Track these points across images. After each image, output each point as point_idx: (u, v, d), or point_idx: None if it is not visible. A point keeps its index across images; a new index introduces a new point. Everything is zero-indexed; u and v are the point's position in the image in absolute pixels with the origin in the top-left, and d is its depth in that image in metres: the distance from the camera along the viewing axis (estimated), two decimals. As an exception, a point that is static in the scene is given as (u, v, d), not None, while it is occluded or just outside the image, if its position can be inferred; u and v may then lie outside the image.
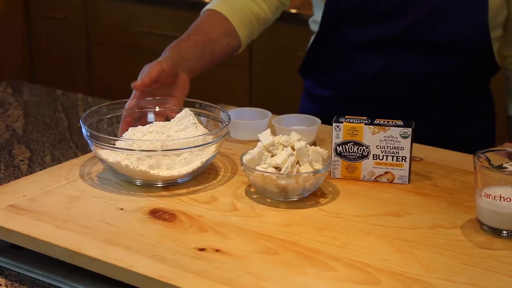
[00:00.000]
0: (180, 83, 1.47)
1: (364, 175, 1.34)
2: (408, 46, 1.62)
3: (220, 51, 1.63)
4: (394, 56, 1.63)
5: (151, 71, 1.42)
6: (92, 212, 1.21)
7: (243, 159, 1.27)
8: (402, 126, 1.31)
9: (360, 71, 1.68)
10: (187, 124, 1.34)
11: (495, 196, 1.13)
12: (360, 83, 1.69)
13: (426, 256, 1.10)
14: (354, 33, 1.65)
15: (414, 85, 1.65)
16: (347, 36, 1.66)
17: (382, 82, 1.66)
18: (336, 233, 1.16)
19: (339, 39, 1.67)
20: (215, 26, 1.63)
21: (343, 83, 1.71)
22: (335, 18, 1.66)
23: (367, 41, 1.64)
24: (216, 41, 1.62)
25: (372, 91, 1.68)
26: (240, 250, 1.10)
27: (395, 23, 1.61)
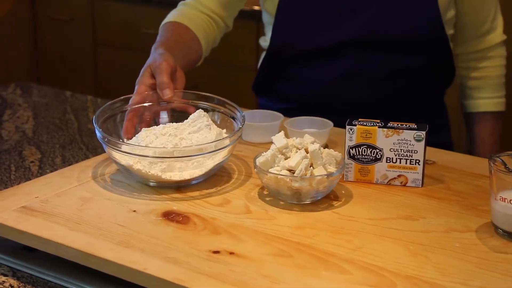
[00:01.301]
0: (179, 76, 1.46)
1: (377, 178, 1.34)
2: (365, 47, 1.64)
3: (192, 56, 1.64)
4: (352, 58, 1.66)
5: (164, 71, 1.39)
6: (105, 214, 1.20)
7: (257, 162, 1.26)
8: (416, 129, 1.30)
9: (318, 78, 1.70)
10: (200, 125, 1.33)
11: (511, 200, 1.13)
12: (319, 90, 1.71)
13: (441, 260, 1.09)
14: (308, 42, 1.67)
15: (373, 86, 1.67)
16: (301, 46, 1.68)
17: (342, 86, 1.68)
18: (350, 236, 1.15)
19: (293, 50, 1.69)
20: (185, 33, 1.65)
21: (302, 93, 1.73)
22: (287, 31, 1.68)
23: (322, 47, 1.66)
24: (189, 45, 1.63)
25: (332, 98, 1.70)
26: (254, 253, 1.10)
27: (349, 25, 1.63)
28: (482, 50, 1.79)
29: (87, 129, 1.76)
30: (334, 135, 1.51)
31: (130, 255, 1.08)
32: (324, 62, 1.68)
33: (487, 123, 1.81)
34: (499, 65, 1.81)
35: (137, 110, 1.40)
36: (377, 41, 1.64)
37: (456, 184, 1.34)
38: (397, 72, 1.67)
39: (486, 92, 1.81)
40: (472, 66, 1.80)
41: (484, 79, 1.81)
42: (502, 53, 1.81)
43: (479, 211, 1.24)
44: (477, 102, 1.82)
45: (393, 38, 1.64)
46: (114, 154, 1.29)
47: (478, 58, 1.80)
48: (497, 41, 1.79)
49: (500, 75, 1.81)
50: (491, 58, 1.80)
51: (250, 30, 3.09)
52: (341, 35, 1.65)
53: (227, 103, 1.42)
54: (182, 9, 1.72)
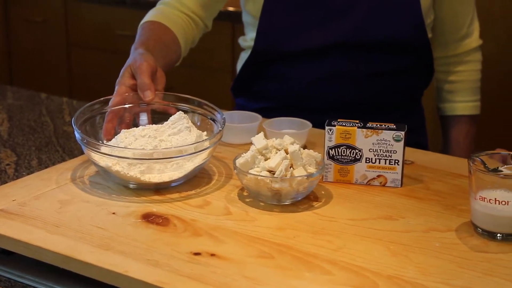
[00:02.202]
0: (159, 77, 1.44)
1: (356, 179, 1.34)
2: (350, 48, 1.65)
3: (171, 56, 1.62)
4: (336, 60, 1.66)
5: (145, 72, 1.38)
6: (84, 217, 1.19)
7: (236, 163, 1.26)
8: (395, 130, 1.31)
9: (302, 78, 1.70)
10: (180, 127, 1.32)
11: (490, 199, 1.13)
12: (301, 90, 1.71)
13: (422, 259, 1.09)
14: (292, 44, 1.67)
15: (356, 87, 1.68)
16: (285, 47, 1.68)
17: (325, 87, 1.69)
18: (331, 237, 1.15)
19: (278, 51, 1.69)
20: (164, 33, 1.63)
21: (284, 92, 1.73)
22: (272, 32, 1.68)
23: (307, 49, 1.67)
24: (168, 45, 1.62)
25: (315, 98, 1.70)
26: (236, 254, 1.09)
27: (335, 27, 1.64)
28: (459, 55, 1.81)
29: (63, 131, 1.74)
30: (312, 136, 1.51)
31: (110, 258, 1.07)
32: (307, 63, 1.68)
33: (462, 126, 1.83)
34: (475, 69, 1.83)
35: (117, 111, 1.39)
36: (361, 43, 1.65)
37: (435, 184, 1.35)
38: (379, 73, 1.68)
39: (462, 95, 1.83)
40: (449, 70, 1.82)
41: (461, 83, 1.82)
42: (478, 58, 1.84)
43: (459, 211, 1.24)
44: (453, 105, 1.84)
45: (377, 40, 1.65)
46: (93, 156, 1.28)
47: (455, 62, 1.81)
48: (474, 45, 1.81)
49: (476, 79, 1.84)
50: (468, 62, 1.82)
51: (226, 31, 3.09)
52: (326, 37, 1.65)
53: (207, 105, 1.41)
54: (162, 8, 1.71)
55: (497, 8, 2.70)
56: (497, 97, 2.72)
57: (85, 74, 3.56)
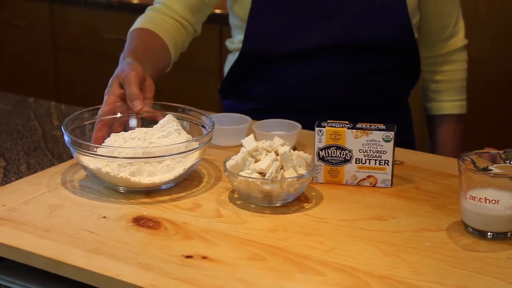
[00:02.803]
0: (148, 85, 1.43)
1: (347, 179, 1.34)
2: (338, 50, 1.66)
3: (161, 63, 1.62)
4: (324, 61, 1.67)
5: (133, 82, 1.37)
6: (74, 221, 1.19)
7: (227, 165, 1.26)
8: (384, 130, 1.31)
9: (290, 79, 1.70)
10: (170, 130, 1.32)
11: (480, 199, 1.14)
12: (291, 90, 1.71)
13: (414, 259, 1.09)
14: (280, 46, 1.68)
15: (344, 88, 1.69)
16: (274, 49, 1.68)
17: (313, 88, 1.69)
18: (322, 238, 1.15)
19: (265, 53, 1.69)
20: (153, 40, 1.63)
21: (273, 94, 1.73)
22: (260, 35, 1.68)
23: (295, 50, 1.67)
24: (157, 52, 1.62)
25: (303, 98, 1.71)
26: (227, 257, 1.09)
27: (323, 29, 1.65)
28: (445, 54, 1.82)
29: (51, 135, 1.73)
30: (302, 137, 1.51)
31: (101, 262, 1.07)
32: (295, 64, 1.69)
33: (449, 125, 1.84)
34: (461, 69, 1.84)
35: (107, 121, 1.38)
36: (349, 44, 1.66)
37: (425, 184, 1.35)
38: (367, 73, 1.69)
39: (448, 95, 1.84)
40: (435, 70, 1.83)
41: (447, 82, 1.84)
42: (464, 57, 1.85)
43: (449, 210, 1.25)
44: (440, 105, 1.85)
45: (365, 41, 1.66)
46: (83, 159, 1.27)
47: (441, 62, 1.83)
48: (459, 45, 1.82)
49: (462, 78, 1.85)
50: (453, 62, 1.83)
51: (213, 33, 3.09)
52: (314, 39, 1.65)
53: (195, 110, 1.41)
54: (150, 15, 1.70)
55: (483, 9, 2.71)
56: (484, 97, 2.73)
57: (72, 78, 3.54)
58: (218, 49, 3.11)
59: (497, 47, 2.78)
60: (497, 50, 2.78)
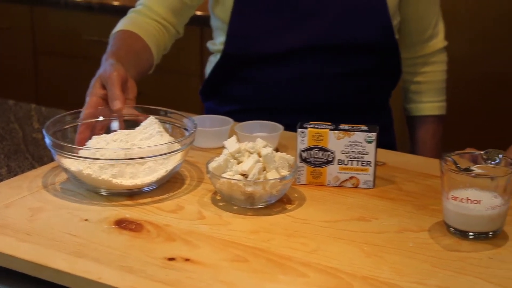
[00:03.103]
0: (130, 86, 1.42)
1: (329, 181, 1.34)
2: (319, 51, 1.66)
3: (143, 64, 1.62)
4: (305, 62, 1.68)
5: (115, 83, 1.36)
6: (56, 224, 1.18)
7: (209, 167, 1.25)
8: (366, 131, 1.31)
9: (272, 81, 1.71)
10: (152, 132, 1.32)
11: (462, 199, 1.14)
12: (272, 91, 1.71)
13: (397, 260, 1.10)
14: (262, 47, 1.68)
15: (325, 88, 1.69)
16: (255, 50, 1.69)
17: (295, 89, 1.69)
18: (305, 239, 1.15)
19: (246, 55, 1.70)
20: (135, 42, 1.62)
21: (254, 95, 1.73)
22: (241, 36, 1.68)
23: (276, 52, 1.68)
24: (140, 54, 1.61)
25: (284, 99, 1.71)
26: (210, 259, 1.09)
27: (303, 30, 1.65)
28: (425, 56, 1.83)
29: (32, 138, 1.72)
30: (284, 139, 1.51)
31: (83, 265, 1.06)
32: (277, 65, 1.69)
33: (429, 126, 1.85)
34: (441, 70, 1.86)
35: (89, 124, 1.37)
36: (330, 45, 1.66)
37: (406, 185, 1.35)
38: (348, 74, 1.69)
39: (428, 96, 1.85)
40: (415, 71, 1.84)
41: (427, 83, 1.85)
42: (443, 59, 1.86)
43: (431, 211, 1.25)
44: (419, 106, 1.86)
45: (346, 43, 1.66)
46: (64, 161, 1.27)
47: (421, 63, 1.84)
48: (439, 46, 1.84)
49: (442, 79, 1.86)
50: (433, 63, 1.84)
51: (194, 35, 3.08)
52: (296, 40, 1.66)
53: (176, 113, 1.40)
54: (133, 17, 1.70)
55: (462, 10, 2.72)
56: (463, 98, 2.75)
57: (53, 80, 3.53)
58: (199, 51, 3.10)
59: (475, 48, 2.79)
60: (476, 51, 2.79)
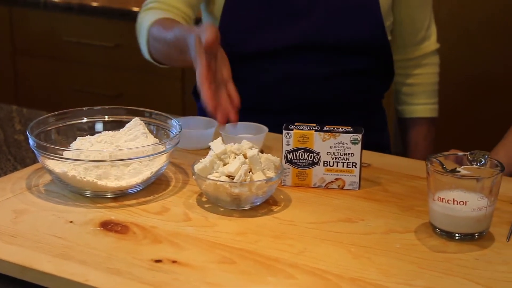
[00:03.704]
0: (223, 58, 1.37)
1: (314, 182, 1.34)
2: (308, 50, 1.66)
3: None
4: (295, 61, 1.67)
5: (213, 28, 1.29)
6: (40, 226, 1.17)
7: (195, 168, 1.25)
8: (352, 132, 1.31)
9: (260, 80, 1.70)
10: (136, 133, 1.31)
11: (449, 200, 1.14)
12: (261, 92, 1.71)
13: (384, 261, 1.10)
14: (251, 44, 1.67)
15: (315, 88, 1.68)
16: (243, 48, 1.67)
17: (284, 88, 1.69)
18: (292, 241, 1.15)
19: (236, 51, 1.67)
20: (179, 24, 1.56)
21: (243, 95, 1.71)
22: (232, 33, 1.67)
23: (266, 50, 1.67)
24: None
25: (274, 99, 1.70)
26: (197, 261, 1.08)
27: (294, 29, 1.64)
28: (417, 58, 1.83)
29: (14, 139, 1.70)
30: (269, 140, 1.50)
31: (70, 267, 1.05)
32: (266, 63, 1.68)
33: (421, 128, 1.85)
34: (433, 73, 1.85)
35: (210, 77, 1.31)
36: (321, 44, 1.66)
37: (392, 186, 1.36)
38: (339, 73, 1.69)
39: (420, 98, 1.85)
40: (407, 73, 1.84)
41: (419, 85, 1.84)
42: (436, 61, 1.86)
43: (417, 212, 1.25)
44: (412, 108, 1.85)
45: (337, 42, 1.66)
46: (48, 162, 1.26)
47: (413, 65, 1.83)
48: (432, 49, 1.83)
49: (434, 82, 1.86)
50: (426, 65, 1.84)
51: (175, 37, 3.07)
52: (286, 38, 1.65)
53: (162, 115, 1.40)
54: (155, 11, 1.63)
55: (444, 12, 2.73)
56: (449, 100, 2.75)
57: (32, 81, 3.50)
58: (180, 53, 3.09)
59: (459, 50, 2.80)
60: (460, 52, 2.80)
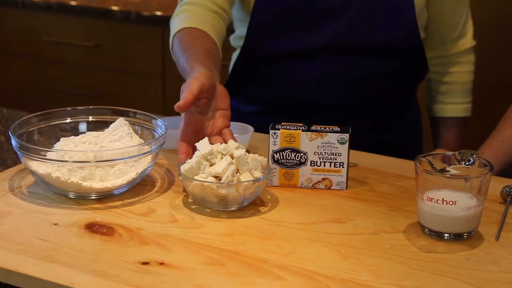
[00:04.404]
0: (220, 93, 1.35)
1: (301, 182, 1.33)
2: (341, 51, 1.62)
3: (218, 63, 1.49)
4: (326, 62, 1.63)
5: (191, 88, 1.28)
6: (24, 228, 1.15)
7: (181, 169, 1.23)
8: (339, 132, 1.30)
9: (292, 81, 1.66)
10: (121, 134, 1.29)
11: (438, 200, 1.14)
12: (293, 93, 1.67)
13: (373, 262, 1.09)
14: (283, 44, 1.64)
15: (347, 90, 1.66)
16: (276, 47, 1.64)
17: (316, 90, 1.65)
18: (280, 242, 1.14)
19: (268, 51, 1.65)
20: (206, 40, 1.52)
21: (274, 96, 1.70)
22: (263, 30, 1.64)
23: (298, 50, 1.63)
24: (213, 52, 1.50)
25: (305, 100, 1.67)
26: (185, 262, 1.07)
27: (326, 29, 1.61)
28: (452, 55, 1.78)
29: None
30: (254, 140, 1.49)
31: (55, 270, 1.03)
32: (298, 64, 1.64)
33: (453, 128, 1.81)
34: (468, 71, 1.81)
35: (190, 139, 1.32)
36: (353, 46, 1.62)
37: (379, 186, 1.35)
38: (371, 75, 1.65)
39: (454, 97, 1.81)
40: (442, 71, 1.79)
41: (453, 84, 1.80)
42: (471, 59, 1.81)
43: (405, 212, 1.25)
44: (445, 107, 1.81)
45: (369, 43, 1.62)
46: (31, 163, 1.23)
47: (448, 63, 1.79)
48: (468, 46, 1.78)
49: (469, 80, 1.81)
50: (461, 63, 1.79)
51: (155, 36, 3.05)
52: (318, 39, 1.61)
53: (147, 115, 1.38)
54: (190, 10, 1.59)
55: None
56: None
57: (11, 81, 3.46)
58: (160, 52, 3.07)
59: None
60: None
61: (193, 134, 1.32)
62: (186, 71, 1.37)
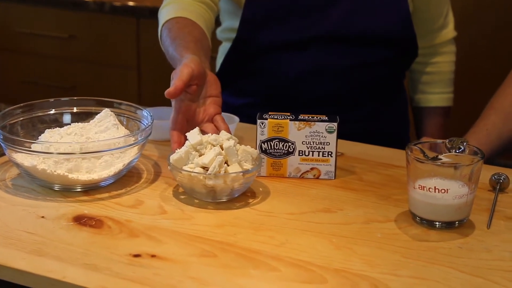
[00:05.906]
0: (211, 80, 1.34)
1: (290, 172, 1.32)
2: (334, 42, 1.62)
3: (207, 52, 1.48)
4: (320, 53, 1.63)
5: (181, 74, 1.26)
6: (11, 222, 1.13)
7: (170, 159, 1.22)
8: (327, 121, 1.29)
9: (285, 72, 1.65)
10: (107, 125, 1.27)
11: (430, 188, 1.13)
12: (285, 84, 1.66)
13: (366, 251, 1.08)
14: (277, 35, 1.63)
15: (340, 81, 1.65)
16: (269, 39, 1.63)
17: (308, 80, 1.65)
18: (272, 232, 1.13)
19: (261, 42, 1.64)
20: (194, 29, 1.50)
21: (266, 87, 1.68)
22: (256, 22, 1.62)
23: (292, 41, 1.62)
24: (202, 41, 1.48)
25: (297, 91, 1.66)
26: (177, 254, 1.05)
27: (319, 20, 1.60)
28: (435, 46, 1.79)
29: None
30: (240, 130, 1.48)
31: (45, 264, 1.01)
32: (291, 55, 1.63)
33: (436, 118, 1.83)
34: (450, 61, 1.82)
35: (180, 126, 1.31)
36: (345, 36, 1.61)
37: (367, 175, 1.34)
38: (364, 65, 1.65)
39: (437, 87, 1.82)
40: (424, 61, 1.80)
41: (436, 74, 1.82)
42: (453, 49, 1.83)
43: (395, 201, 1.24)
44: (428, 97, 1.83)
45: (362, 33, 1.62)
46: (16, 156, 1.21)
47: (431, 53, 1.80)
48: (449, 36, 1.80)
49: (451, 70, 1.83)
50: (443, 53, 1.81)
51: (130, 26, 3.02)
52: (310, 29, 1.60)
53: (132, 105, 1.36)
54: (179, 1, 1.57)
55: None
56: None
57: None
58: (135, 43, 3.04)
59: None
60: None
61: (185, 122, 1.30)
62: (176, 59, 1.35)
